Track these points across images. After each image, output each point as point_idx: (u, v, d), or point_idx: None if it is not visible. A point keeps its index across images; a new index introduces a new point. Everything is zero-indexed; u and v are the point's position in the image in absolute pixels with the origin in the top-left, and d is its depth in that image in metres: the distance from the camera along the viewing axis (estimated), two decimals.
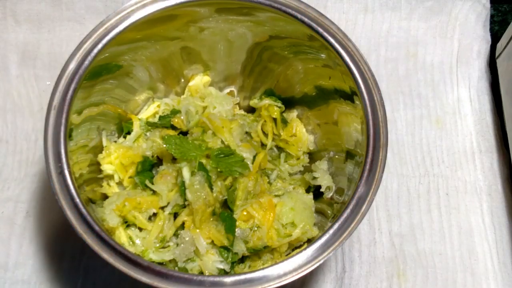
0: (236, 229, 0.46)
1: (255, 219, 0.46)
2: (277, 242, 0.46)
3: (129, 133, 0.52)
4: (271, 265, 0.38)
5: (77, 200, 0.39)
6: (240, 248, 0.46)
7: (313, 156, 0.54)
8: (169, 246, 0.47)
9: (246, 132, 0.52)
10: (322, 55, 0.46)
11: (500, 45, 0.58)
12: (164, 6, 0.44)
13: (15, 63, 0.60)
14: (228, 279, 0.37)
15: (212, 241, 0.46)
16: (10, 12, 0.60)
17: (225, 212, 0.46)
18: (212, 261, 0.45)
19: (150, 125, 0.52)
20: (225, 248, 0.46)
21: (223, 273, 0.46)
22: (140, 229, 0.47)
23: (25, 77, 0.59)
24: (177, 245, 0.46)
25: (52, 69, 0.58)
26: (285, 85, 0.53)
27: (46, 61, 0.59)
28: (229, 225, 0.45)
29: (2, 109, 0.58)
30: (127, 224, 0.47)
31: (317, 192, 0.51)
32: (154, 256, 0.46)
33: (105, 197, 0.48)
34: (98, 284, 0.52)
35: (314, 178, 0.51)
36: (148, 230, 0.47)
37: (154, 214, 0.47)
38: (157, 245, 0.46)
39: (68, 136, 0.42)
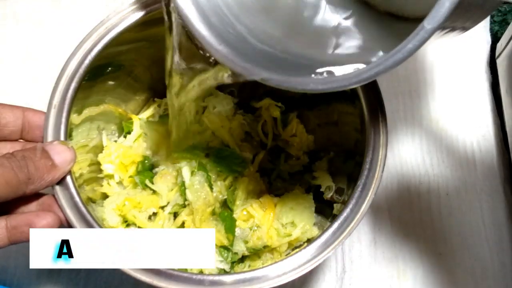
0: (236, 229, 0.46)
1: (255, 218, 0.46)
2: (276, 242, 0.46)
3: (129, 132, 0.52)
4: (271, 264, 0.38)
5: (77, 199, 0.39)
6: (240, 248, 0.46)
7: (313, 156, 0.54)
8: None
9: (246, 132, 0.52)
10: None
11: (500, 45, 0.58)
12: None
13: (15, 64, 0.60)
14: (227, 278, 0.37)
15: None
16: (10, 12, 0.60)
17: (225, 212, 0.46)
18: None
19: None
20: (225, 248, 0.46)
21: (223, 272, 0.46)
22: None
23: (25, 78, 0.59)
24: None
25: (52, 70, 0.58)
26: None
27: (46, 62, 0.59)
28: (229, 225, 0.46)
29: None
30: (127, 223, 0.47)
31: (317, 192, 0.51)
32: None
33: (105, 196, 0.48)
34: (100, 285, 0.52)
35: (314, 178, 0.51)
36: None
37: (154, 214, 0.47)
38: None
39: (69, 135, 0.42)
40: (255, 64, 0.33)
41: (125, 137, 0.52)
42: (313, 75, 0.31)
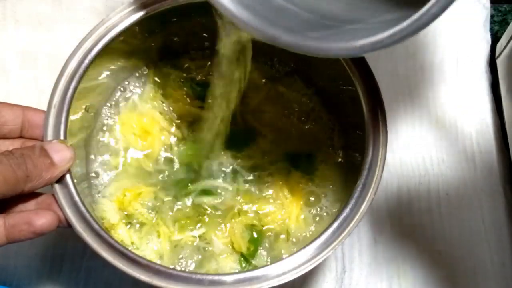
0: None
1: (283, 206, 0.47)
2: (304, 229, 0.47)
3: None
4: (271, 264, 0.38)
5: (76, 198, 0.39)
6: (261, 262, 0.46)
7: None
8: None
9: None
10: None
11: (500, 45, 0.58)
12: (166, 7, 0.44)
13: (15, 64, 0.60)
14: (227, 278, 0.37)
15: (232, 245, 0.46)
16: (10, 12, 0.60)
17: (257, 225, 0.47)
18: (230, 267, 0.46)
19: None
20: (245, 258, 0.46)
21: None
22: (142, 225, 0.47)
23: (25, 78, 0.59)
24: None
25: (52, 70, 0.58)
26: None
27: (46, 62, 0.59)
28: (254, 237, 0.46)
29: None
30: (128, 221, 0.47)
31: None
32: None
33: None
34: (100, 285, 0.52)
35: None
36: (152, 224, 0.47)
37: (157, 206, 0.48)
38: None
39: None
40: (274, 27, 0.32)
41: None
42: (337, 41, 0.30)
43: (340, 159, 0.50)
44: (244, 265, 0.46)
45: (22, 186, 0.36)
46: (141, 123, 0.50)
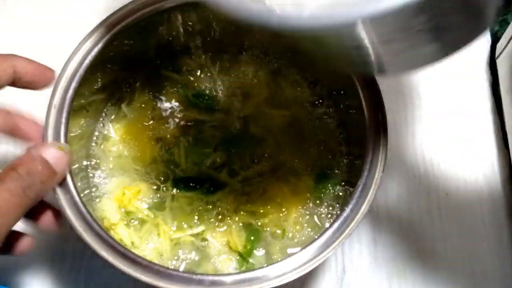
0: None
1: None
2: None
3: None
4: (271, 264, 0.38)
5: (77, 199, 0.39)
6: (259, 263, 0.46)
7: None
8: None
9: None
10: None
11: (500, 45, 0.58)
12: (165, 6, 0.44)
13: None
14: (227, 278, 0.37)
15: (229, 244, 0.46)
16: (10, 12, 0.60)
17: (254, 225, 0.47)
18: (227, 266, 0.46)
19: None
20: (242, 257, 0.46)
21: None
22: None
23: None
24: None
25: None
26: None
27: (46, 62, 0.59)
28: (252, 236, 0.46)
29: None
30: (129, 219, 0.47)
31: None
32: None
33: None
34: (100, 285, 0.52)
35: None
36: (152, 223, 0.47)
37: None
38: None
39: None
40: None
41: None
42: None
43: (343, 160, 0.50)
44: (241, 263, 0.46)
45: (31, 205, 0.35)
46: (136, 129, 0.50)
